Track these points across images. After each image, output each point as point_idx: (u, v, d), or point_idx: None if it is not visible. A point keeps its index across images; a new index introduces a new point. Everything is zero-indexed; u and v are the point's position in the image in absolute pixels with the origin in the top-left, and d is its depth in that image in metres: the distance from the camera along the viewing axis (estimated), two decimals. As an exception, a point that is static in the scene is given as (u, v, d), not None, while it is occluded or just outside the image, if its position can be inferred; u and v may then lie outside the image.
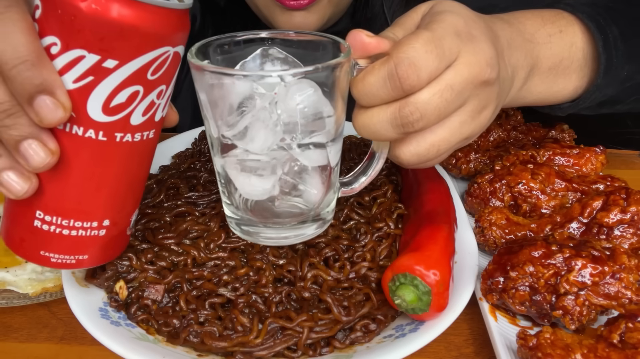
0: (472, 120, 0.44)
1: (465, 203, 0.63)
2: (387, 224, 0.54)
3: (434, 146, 0.43)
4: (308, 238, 0.49)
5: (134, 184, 0.43)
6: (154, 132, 0.41)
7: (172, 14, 0.36)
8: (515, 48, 0.50)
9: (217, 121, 0.43)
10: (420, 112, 0.40)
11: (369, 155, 0.49)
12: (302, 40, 0.47)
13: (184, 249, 0.50)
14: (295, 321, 0.44)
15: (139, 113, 0.38)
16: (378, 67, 0.41)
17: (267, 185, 0.43)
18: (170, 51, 0.37)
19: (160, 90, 0.39)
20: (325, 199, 0.47)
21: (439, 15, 0.43)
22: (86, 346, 0.48)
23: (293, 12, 0.73)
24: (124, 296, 0.47)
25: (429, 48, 0.39)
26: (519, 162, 0.63)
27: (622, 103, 0.62)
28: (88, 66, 0.35)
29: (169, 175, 0.62)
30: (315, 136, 0.43)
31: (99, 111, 0.36)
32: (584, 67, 0.58)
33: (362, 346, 0.44)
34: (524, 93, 0.54)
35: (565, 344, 0.41)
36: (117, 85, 0.36)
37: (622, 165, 0.79)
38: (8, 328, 0.50)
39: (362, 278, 0.49)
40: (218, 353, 0.44)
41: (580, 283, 0.45)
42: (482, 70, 0.42)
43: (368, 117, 0.43)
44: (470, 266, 0.50)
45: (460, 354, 0.48)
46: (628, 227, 0.51)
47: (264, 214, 0.46)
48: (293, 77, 0.39)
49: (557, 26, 0.56)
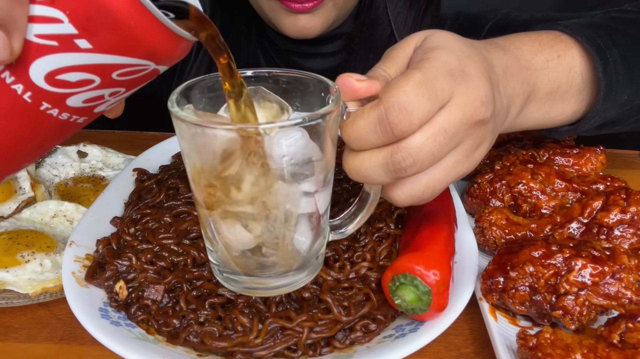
0: (467, 159, 0.42)
1: (465, 203, 0.63)
2: (387, 224, 0.54)
3: (428, 187, 0.42)
4: (297, 288, 0.45)
5: (31, 151, 0.40)
6: (84, 120, 0.38)
7: (175, 38, 0.34)
8: (512, 77, 0.49)
9: (200, 170, 0.40)
10: (413, 157, 0.39)
11: (361, 196, 0.46)
12: (290, 79, 0.45)
13: (184, 249, 0.50)
14: (295, 321, 0.44)
15: (80, 99, 0.35)
16: (368, 111, 0.39)
17: (252, 233, 0.41)
18: (150, 67, 0.35)
19: (116, 91, 0.36)
20: (315, 246, 0.44)
21: (431, 52, 0.41)
22: (86, 346, 0.48)
23: (298, 15, 0.73)
24: (124, 296, 0.47)
25: (420, 91, 0.38)
26: (519, 162, 0.63)
27: (621, 124, 0.60)
28: (59, 33, 0.32)
29: (169, 175, 0.62)
30: (304, 182, 0.40)
31: (41, 76, 0.33)
32: (583, 91, 0.56)
33: (362, 346, 0.44)
34: (521, 120, 0.53)
35: (565, 344, 0.41)
36: (75, 65, 0.33)
37: (622, 165, 0.79)
38: (8, 328, 0.50)
39: (362, 278, 0.49)
40: (218, 353, 0.44)
41: (580, 283, 0.45)
42: (476, 110, 0.40)
43: (359, 161, 0.41)
44: (470, 266, 0.50)
45: (460, 354, 0.48)
46: (628, 227, 0.51)
47: (247, 263, 0.43)
48: (280, 129, 0.37)
49: (555, 51, 0.54)
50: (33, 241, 0.56)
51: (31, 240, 0.56)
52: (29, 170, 0.68)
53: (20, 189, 0.66)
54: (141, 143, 0.75)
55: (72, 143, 0.75)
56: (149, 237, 0.51)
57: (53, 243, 0.56)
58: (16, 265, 0.53)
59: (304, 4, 0.71)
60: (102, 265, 0.50)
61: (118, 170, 0.73)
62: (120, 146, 0.79)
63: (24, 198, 0.64)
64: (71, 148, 0.74)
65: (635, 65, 0.55)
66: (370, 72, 0.44)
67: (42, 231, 0.58)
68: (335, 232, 0.47)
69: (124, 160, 0.75)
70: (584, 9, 0.68)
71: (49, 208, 0.62)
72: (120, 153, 0.76)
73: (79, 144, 0.75)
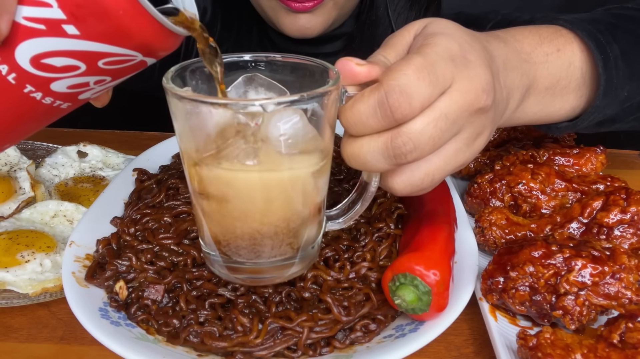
0: (467, 147, 0.42)
1: (465, 203, 0.63)
2: (387, 224, 0.54)
3: (428, 175, 0.41)
4: (290, 277, 0.45)
5: (11, 133, 0.40)
6: (68, 106, 0.38)
7: (165, 32, 0.35)
8: (511, 69, 0.48)
9: (194, 153, 0.39)
10: (414, 142, 0.38)
11: (359, 185, 0.45)
12: (288, 65, 0.44)
13: (184, 249, 0.50)
14: (295, 321, 0.44)
15: (65, 85, 0.35)
16: (368, 94, 0.38)
17: (248, 218, 0.40)
18: (138, 57, 0.35)
19: (102, 79, 0.36)
20: (311, 234, 0.44)
21: (432, 37, 0.41)
22: (86, 346, 0.48)
23: (298, 14, 0.73)
24: (124, 296, 0.47)
25: (421, 74, 0.37)
26: (519, 162, 0.63)
27: (621, 122, 0.60)
28: (47, 17, 0.32)
29: (169, 175, 0.62)
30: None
31: (27, 58, 0.34)
32: (582, 86, 0.55)
33: (362, 346, 0.44)
34: (519, 114, 0.52)
35: (565, 344, 0.41)
36: (61, 50, 0.33)
37: (622, 165, 0.79)
38: (8, 328, 0.50)
39: (362, 278, 0.49)
40: (218, 353, 0.44)
41: (580, 283, 0.45)
42: (477, 97, 0.40)
43: (357, 147, 0.40)
44: (470, 266, 0.50)
45: (460, 354, 0.48)
46: (628, 227, 0.51)
47: (240, 250, 0.42)
48: (276, 106, 0.36)
49: (555, 45, 0.54)
50: (33, 241, 0.56)
51: (31, 240, 0.56)
52: (29, 170, 0.68)
53: (20, 189, 0.66)
54: (141, 143, 0.75)
55: (72, 143, 0.75)
56: (149, 237, 0.51)
57: (53, 243, 0.56)
58: (16, 265, 0.53)
59: (304, 3, 0.71)
60: (102, 265, 0.50)
61: (118, 170, 0.73)
62: (120, 146, 0.79)
63: (24, 198, 0.64)
64: (71, 148, 0.74)
65: (635, 62, 0.55)
66: (370, 58, 0.43)
67: (42, 231, 0.58)
68: (332, 222, 0.47)
69: (124, 160, 0.75)
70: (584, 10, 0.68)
71: (49, 208, 0.62)
72: (120, 153, 0.76)
73: (79, 144, 0.75)
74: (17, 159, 0.70)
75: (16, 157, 0.70)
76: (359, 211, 0.46)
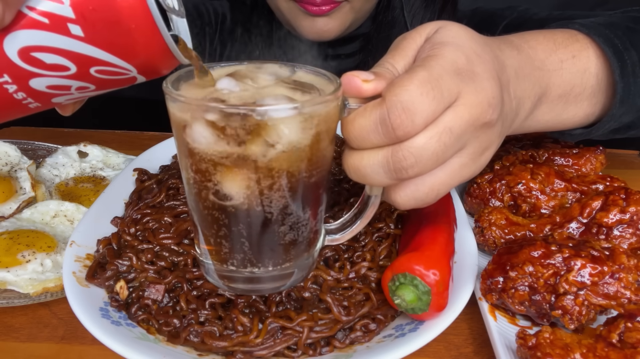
0: (473, 162, 0.41)
1: (465, 203, 0.63)
2: (387, 224, 0.54)
3: (433, 190, 0.40)
4: (286, 288, 0.45)
5: None
6: (36, 106, 0.37)
7: (169, 56, 0.34)
8: (524, 77, 0.47)
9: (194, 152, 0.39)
10: (415, 157, 0.37)
11: (362, 199, 0.45)
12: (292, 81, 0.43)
13: (184, 249, 0.50)
14: (295, 321, 0.44)
15: (45, 84, 0.34)
16: (370, 110, 0.38)
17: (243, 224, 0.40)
18: (131, 73, 0.35)
19: (85, 87, 0.35)
20: (306, 245, 0.43)
21: (439, 48, 0.40)
22: (87, 345, 0.48)
23: (315, 17, 0.75)
24: (125, 296, 0.47)
25: (424, 90, 0.36)
26: (519, 162, 0.63)
27: (637, 129, 0.59)
28: (54, 12, 0.31)
29: (169, 175, 0.62)
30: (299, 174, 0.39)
31: (15, 48, 0.32)
32: (597, 93, 0.54)
33: (362, 345, 0.45)
34: (530, 122, 0.51)
35: (565, 344, 0.41)
36: (57, 48, 0.32)
37: (622, 165, 0.79)
38: (9, 328, 0.50)
39: (362, 278, 0.49)
40: (218, 353, 0.44)
41: (579, 282, 0.45)
42: (483, 112, 0.39)
43: (358, 159, 0.39)
44: (470, 266, 0.50)
45: (459, 354, 0.48)
46: (627, 227, 0.52)
47: (237, 258, 0.42)
48: (273, 112, 0.36)
49: (570, 51, 0.52)
50: (34, 241, 0.56)
51: (32, 239, 0.56)
52: (29, 170, 0.68)
53: (21, 189, 0.66)
54: (141, 143, 0.76)
55: (72, 143, 0.75)
56: (150, 237, 0.51)
57: (54, 243, 0.56)
58: (17, 265, 0.53)
59: (321, 7, 0.73)
60: (103, 264, 0.50)
61: (118, 170, 0.73)
62: (121, 146, 0.79)
63: (24, 198, 0.64)
64: (72, 148, 0.74)
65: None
66: (377, 66, 0.42)
67: (42, 231, 0.58)
68: (331, 236, 0.47)
69: (124, 160, 0.75)
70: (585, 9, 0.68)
71: (50, 208, 0.62)
72: (121, 153, 0.76)
73: (79, 144, 0.75)
74: (17, 159, 0.70)
75: (17, 157, 0.70)
76: (359, 228, 0.46)
